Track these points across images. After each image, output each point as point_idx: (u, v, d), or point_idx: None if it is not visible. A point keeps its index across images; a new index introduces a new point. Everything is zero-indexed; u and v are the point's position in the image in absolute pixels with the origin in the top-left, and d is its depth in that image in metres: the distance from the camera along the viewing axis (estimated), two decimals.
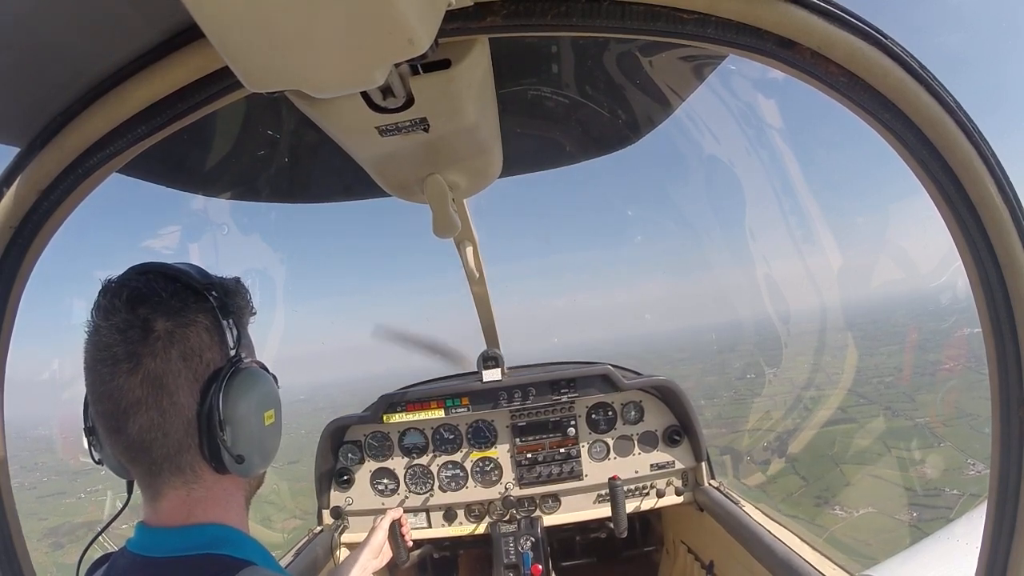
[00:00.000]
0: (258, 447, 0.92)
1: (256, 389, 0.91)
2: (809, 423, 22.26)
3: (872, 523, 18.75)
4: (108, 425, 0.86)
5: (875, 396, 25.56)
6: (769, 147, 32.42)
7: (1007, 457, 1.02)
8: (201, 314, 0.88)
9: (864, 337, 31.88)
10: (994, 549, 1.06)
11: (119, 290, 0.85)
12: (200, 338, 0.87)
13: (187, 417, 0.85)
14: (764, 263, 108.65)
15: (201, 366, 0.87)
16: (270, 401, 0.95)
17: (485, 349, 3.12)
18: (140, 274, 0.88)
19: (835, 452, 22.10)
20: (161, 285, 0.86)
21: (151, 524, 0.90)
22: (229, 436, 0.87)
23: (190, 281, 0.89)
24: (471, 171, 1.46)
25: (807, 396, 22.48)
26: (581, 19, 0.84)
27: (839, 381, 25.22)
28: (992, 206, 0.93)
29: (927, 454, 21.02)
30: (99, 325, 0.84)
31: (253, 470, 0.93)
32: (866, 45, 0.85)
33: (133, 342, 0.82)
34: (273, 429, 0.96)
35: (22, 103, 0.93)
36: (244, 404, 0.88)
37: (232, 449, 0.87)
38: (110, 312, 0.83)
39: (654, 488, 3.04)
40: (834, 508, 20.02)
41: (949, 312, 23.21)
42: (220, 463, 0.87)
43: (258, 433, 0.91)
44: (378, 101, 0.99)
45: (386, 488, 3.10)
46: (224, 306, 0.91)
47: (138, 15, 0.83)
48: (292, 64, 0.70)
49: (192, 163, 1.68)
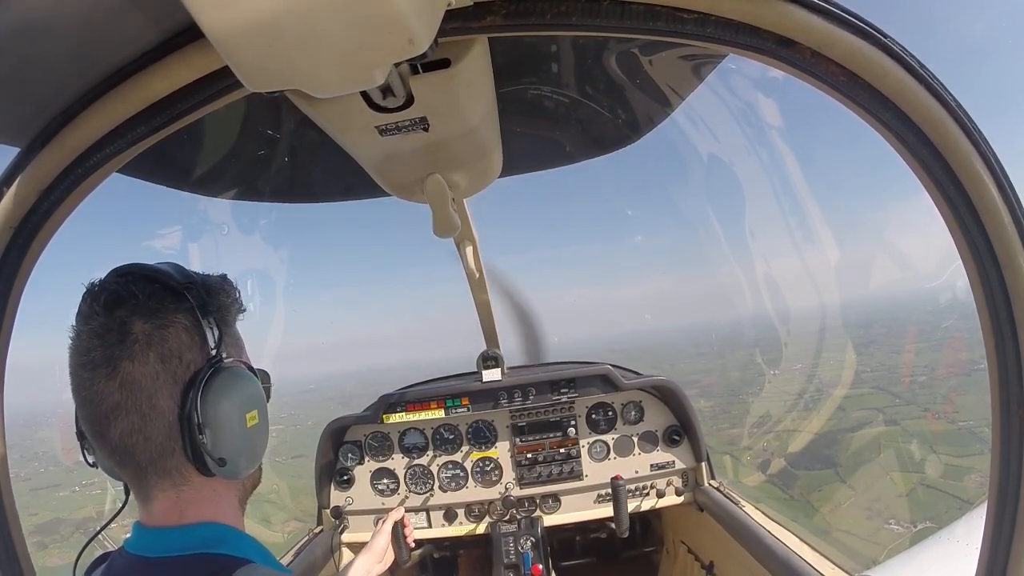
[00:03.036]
0: (241, 449, 0.89)
1: (237, 389, 0.89)
2: (847, 425, 21.16)
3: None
4: (92, 430, 0.85)
5: (910, 396, 24.19)
6: (769, 146, 32.33)
7: (1007, 457, 1.02)
8: (180, 314, 0.86)
9: (888, 335, 30.73)
10: (994, 549, 1.05)
11: (98, 294, 0.84)
12: (179, 339, 0.86)
13: (168, 420, 0.84)
14: (765, 262, 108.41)
15: (180, 367, 0.85)
16: (253, 401, 0.92)
17: (485, 349, 3.12)
18: (119, 276, 0.87)
19: (882, 458, 20.59)
20: (139, 287, 0.85)
21: (147, 524, 0.89)
22: (209, 439, 0.84)
23: (168, 281, 0.88)
24: (471, 171, 1.46)
25: (838, 395, 21.32)
26: (581, 19, 0.84)
27: (868, 379, 24.04)
28: (992, 206, 0.93)
29: (977, 461, 19.00)
30: (80, 330, 0.83)
31: (238, 472, 0.91)
32: (866, 45, 0.85)
33: (111, 346, 0.82)
34: (257, 430, 0.93)
35: (22, 103, 0.93)
36: (225, 405, 0.86)
37: (213, 452, 0.85)
38: (89, 316, 0.83)
39: (654, 488, 3.04)
40: (888, 523, 17.90)
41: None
42: (204, 466, 0.86)
43: (240, 435, 0.89)
44: (378, 100, 0.99)
45: (386, 488, 3.10)
46: (204, 305, 0.89)
47: (138, 15, 0.83)
48: (292, 64, 0.70)
49: (193, 163, 1.68)
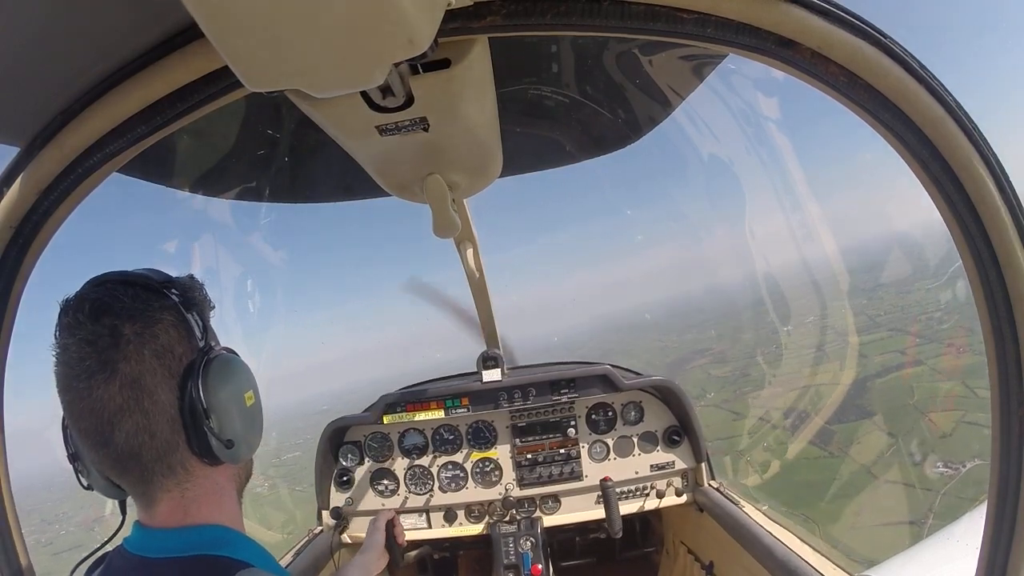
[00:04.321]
0: (245, 429, 0.95)
1: (233, 373, 0.94)
2: (872, 371, 20.39)
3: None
4: (93, 441, 0.86)
5: (930, 334, 23.46)
6: (769, 146, 32.26)
7: (1007, 457, 1.02)
8: (165, 311, 0.89)
9: (894, 275, 29.63)
10: (994, 549, 1.05)
11: (80, 304, 0.85)
12: (168, 334, 0.88)
13: (170, 414, 0.86)
14: (764, 261, 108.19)
15: (174, 361, 0.88)
16: (248, 383, 0.98)
17: (485, 349, 3.12)
18: (97, 285, 0.89)
19: (916, 400, 20.11)
20: (121, 291, 0.87)
21: (148, 525, 0.90)
22: (215, 423, 0.88)
23: (148, 282, 0.90)
24: (471, 171, 1.46)
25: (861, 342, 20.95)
26: (581, 19, 0.84)
27: (884, 322, 23.19)
28: (992, 206, 0.93)
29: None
30: (66, 343, 0.84)
31: (243, 454, 0.95)
32: (866, 45, 0.85)
33: (105, 350, 0.83)
34: (255, 409, 0.99)
35: (22, 103, 0.93)
36: (224, 389, 0.90)
37: (221, 435, 0.89)
38: (75, 327, 0.83)
39: (654, 488, 3.03)
40: (936, 466, 18.11)
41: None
42: (210, 454, 0.89)
43: (242, 415, 0.94)
44: (378, 100, 0.99)
45: (386, 489, 3.10)
46: (186, 300, 0.93)
47: (138, 15, 0.83)
48: (292, 64, 0.70)
49: (193, 163, 1.69)
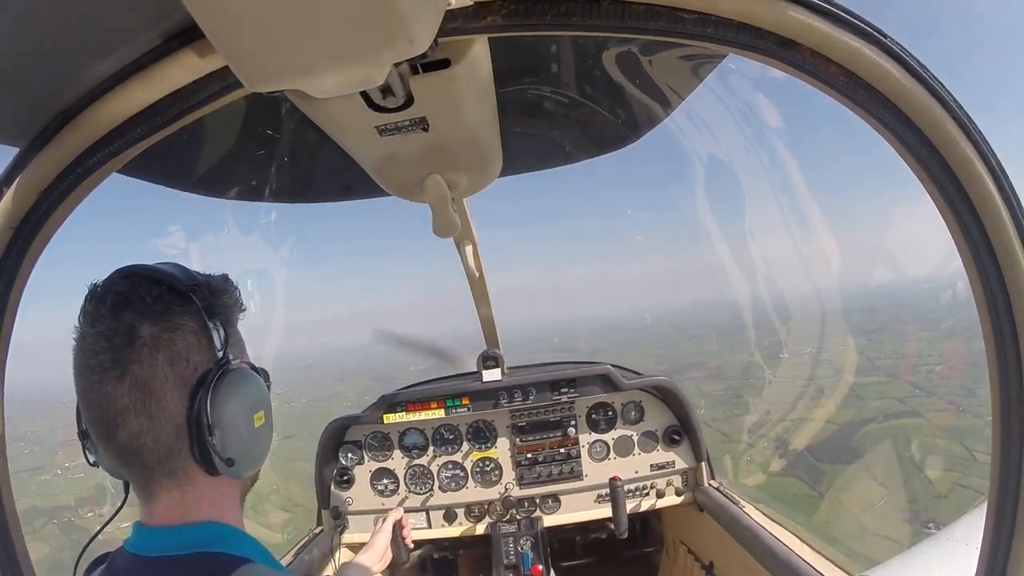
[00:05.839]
0: (248, 449, 0.92)
1: (244, 391, 0.90)
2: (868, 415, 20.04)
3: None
4: (99, 432, 0.86)
5: (929, 386, 23.10)
6: (769, 146, 32.33)
7: (1007, 457, 1.02)
8: (186, 317, 0.87)
9: (895, 321, 30.00)
10: (994, 550, 1.05)
11: (103, 295, 0.84)
12: (186, 341, 0.86)
13: (176, 422, 0.85)
14: (764, 263, 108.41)
15: (188, 370, 0.86)
16: (259, 402, 0.94)
17: (485, 349, 3.12)
18: (124, 278, 0.88)
19: (913, 455, 19.57)
20: (145, 289, 0.85)
21: (147, 524, 0.90)
22: (219, 440, 0.86)
23: (174, 283, 0.88)
24: (471, 170, 1.46)
25: (858, 383, 20.59)
26: (581, 19, 0.84)
27: (883, 367, 22.75)
28: (992, 206, 0.93)
29: None
30: (85, 332, 0.84)
31: (244, 472, 0.93)
32: (866, 45, 0.85)
33: (119, 349, 0.82)
34: (263, 430, 0.95)
35: (22, 103, 0.93)
36: (232, 407, 0.88)
37: (222, 453, 0.86)
38: (96, 319, 0.83)
39: (654, 488, 3.04)
40: (927, 527, 16.33)
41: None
42: (212, 466, 0.87)
43: (248, 435, 0.91)
44: (378, 101, 0.99)
45: (386, 488, 3.10)
46: (210, 307, 0.90)
47: (138, 15, 0.83)
48: (292, 64, 0.70)
49: (193, 163, 1.68)
